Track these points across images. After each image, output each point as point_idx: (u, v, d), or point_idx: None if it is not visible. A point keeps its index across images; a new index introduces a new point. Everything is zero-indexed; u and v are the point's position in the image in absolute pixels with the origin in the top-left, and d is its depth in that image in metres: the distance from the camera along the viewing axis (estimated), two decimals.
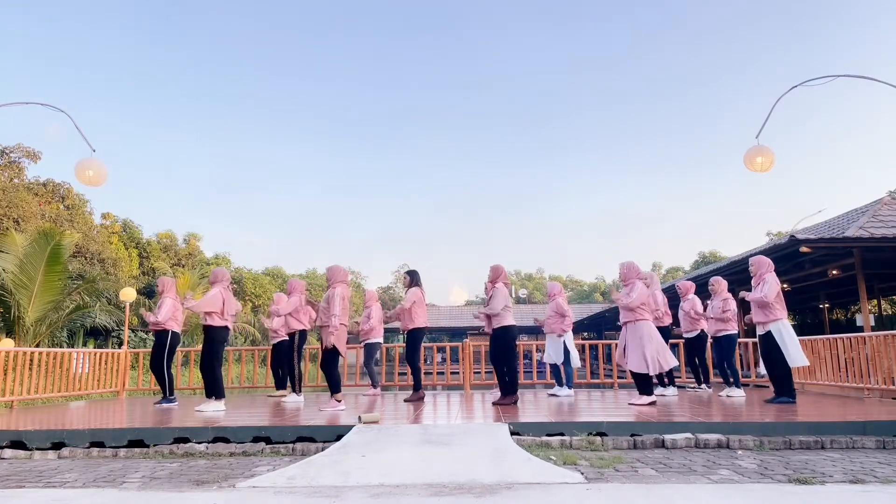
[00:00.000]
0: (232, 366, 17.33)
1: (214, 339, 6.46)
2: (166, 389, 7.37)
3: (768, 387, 8.86)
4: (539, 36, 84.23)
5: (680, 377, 9.42)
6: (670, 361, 6.15)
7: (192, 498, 3.12)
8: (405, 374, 10.13)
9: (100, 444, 4.69)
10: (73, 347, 15.49)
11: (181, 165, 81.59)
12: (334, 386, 6.27)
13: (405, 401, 7.24)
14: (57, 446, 4.70)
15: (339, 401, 6.22)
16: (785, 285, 15.65)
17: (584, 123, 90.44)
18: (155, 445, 4.64)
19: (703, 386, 8.08)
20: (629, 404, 6.13)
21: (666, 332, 7.35)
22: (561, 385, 7.64)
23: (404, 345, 7.46)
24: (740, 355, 9.64)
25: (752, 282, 6.53)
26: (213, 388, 6.45)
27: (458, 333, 34.24)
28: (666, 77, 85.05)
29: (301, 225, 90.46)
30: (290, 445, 4.51)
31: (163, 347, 7.31)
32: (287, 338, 7.78)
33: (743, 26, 78.92)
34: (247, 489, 3.24)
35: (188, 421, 5.43)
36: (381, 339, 8.43)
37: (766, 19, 78.39)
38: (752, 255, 6.78)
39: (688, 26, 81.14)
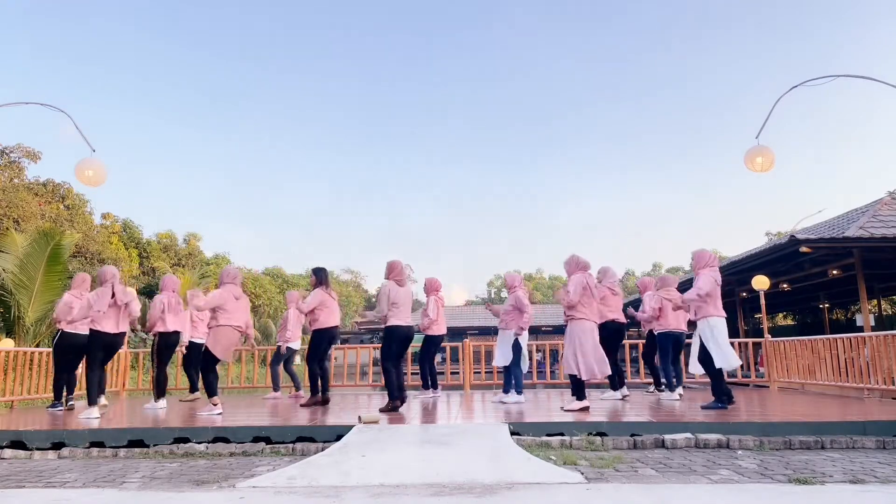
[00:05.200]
0: (231, 366, 17.30)
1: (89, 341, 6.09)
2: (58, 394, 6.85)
3: (768, 386, 8.90)
4: (538, 36, 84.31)
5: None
6: (604, 369, 5.72)
7: (192, 498, 3.12)
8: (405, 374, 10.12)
9: (100, 444, 4.69)
10: None
11: (181, 165, 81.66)
12: (208, 388, 5.93)
13: (302, 405, 6.67)
14: (57, 446, 4.70)
15: (216, 404, 5.84)
16: (785, 285, 15.65)
17: (584, 123, 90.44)
18: (155, 445, 4.65)
19: (653, 388, 7.77)
20: (563, 409, 5.76)
21: (612, 330, 6.92)
22: (508, 391, 6.78)
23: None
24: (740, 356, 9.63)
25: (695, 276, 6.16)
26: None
27: (457, 333, 34.23)
28: (666, 77, 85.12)
29: (301, 225, 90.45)
30: (290, 445, 4.52)
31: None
32: (202, 339, 7.34)
33: (743, 26, 79.03)
34: (247, 489, 3.24)
35: (188, 421, 5.44)
36: (295, 346, 8.26)
37: (766, 19, 78.50)
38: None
39: (687, 25, 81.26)
